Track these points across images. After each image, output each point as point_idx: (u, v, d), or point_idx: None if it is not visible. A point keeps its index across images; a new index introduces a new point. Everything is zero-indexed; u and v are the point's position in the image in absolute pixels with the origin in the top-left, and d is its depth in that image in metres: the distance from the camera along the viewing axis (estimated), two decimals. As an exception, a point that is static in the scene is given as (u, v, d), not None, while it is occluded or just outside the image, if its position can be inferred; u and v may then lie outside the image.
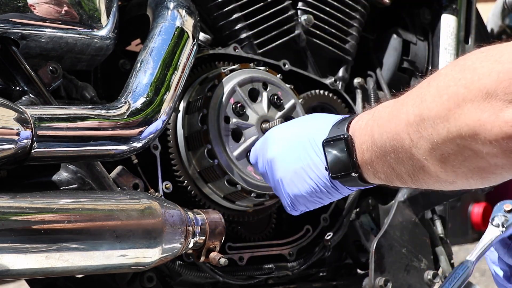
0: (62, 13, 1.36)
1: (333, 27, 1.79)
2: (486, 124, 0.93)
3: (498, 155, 0.95)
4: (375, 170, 1.17)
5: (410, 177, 1.10)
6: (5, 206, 1.15)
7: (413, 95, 1.06)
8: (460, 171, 1.02)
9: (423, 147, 1.03)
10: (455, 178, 1.04)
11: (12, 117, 1.18)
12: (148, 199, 1.31)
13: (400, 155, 1.08)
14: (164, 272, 1.55)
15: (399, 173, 1.12)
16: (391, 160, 1.10)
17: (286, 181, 1.33)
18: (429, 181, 1.08)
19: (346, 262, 1.87)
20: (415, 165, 1.07)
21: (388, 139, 1.09)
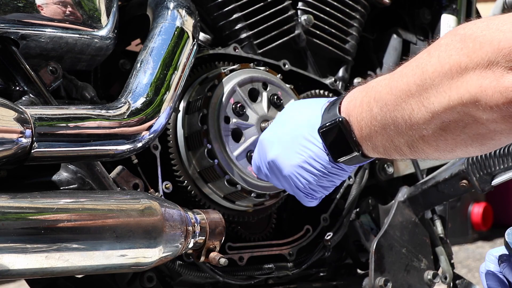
0: (62, 13, 1.36)
1: (333, 27, 1.79)
2: (487, 90, 0.95)
3: (498, 121, 0.97)
4: (374, 144, 1.18)
5: (409, 148, 1.12)
6: (5, 206, 1.15)
7: (412, 66, 1.07)
8: (460, 139, 1.03)
9: (424, 116, 1.04)
10: (455, 146, 1.05)
11: (12, 117, 1.18)
12: (148, 199, 1.31)
13: (400, 126, 1.09)
14: (164, 272, 1.55)
15: (398, 145, 1.13)
16: (391, 132, 1.12)
17: (294, 177, 1.35)
18: (428, 150, 1.10)
19: (346, 262, 1.87)
20: (415, 135, 1.08)
21: (389, 111, 1.10)
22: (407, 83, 1.07)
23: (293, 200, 1.77)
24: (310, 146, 1.30)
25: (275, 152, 1.36)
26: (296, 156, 1.32)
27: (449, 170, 1.67)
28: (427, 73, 1.03)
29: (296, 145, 1.32)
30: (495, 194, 4.61)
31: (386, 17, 1.95)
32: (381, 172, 1.83)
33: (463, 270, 4.24)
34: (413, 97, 1.05)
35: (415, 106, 1.05)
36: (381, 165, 1.82)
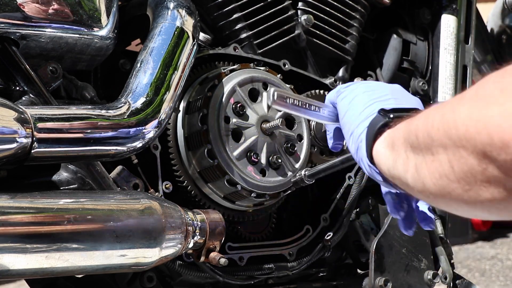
0: (62, 13, 1.36)
1: (333, 27, 1.79)
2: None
3: None
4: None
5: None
6: (5, 206, 1.15)
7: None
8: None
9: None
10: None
11: (12, 117, 1.18)
12: (148, 199, 1.31)
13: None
14: (164, 272, 1.55)
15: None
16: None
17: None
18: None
19: (346, 262, 1.87)
20: None
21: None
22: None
23: (293, 200, 1.77)
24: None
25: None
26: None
27: (449, 170, 1.67)
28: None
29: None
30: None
31: (386, 17, 1.95)
32: (381, 172, 1.82)
33: (463, 270, 4.25)
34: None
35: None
36: (381, 165, 1.82)
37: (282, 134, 1.58)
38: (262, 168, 1.55)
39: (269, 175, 1.56)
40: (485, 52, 2.23)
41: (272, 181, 1.56)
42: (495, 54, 2.24)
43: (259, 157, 1.54)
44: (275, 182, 1.57)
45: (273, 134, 1.57)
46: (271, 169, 1.56)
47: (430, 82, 1.93)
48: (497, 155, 0.81)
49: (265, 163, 1.55)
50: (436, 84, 1.91)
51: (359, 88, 1.21)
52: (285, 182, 1.58)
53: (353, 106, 1.18)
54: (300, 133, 1.62)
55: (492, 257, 4.58)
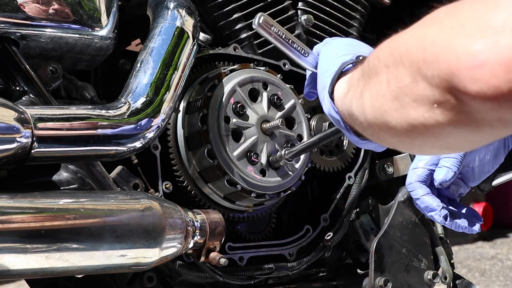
0: (62, 13, 1.36)
1: (333, 27, 1.79)
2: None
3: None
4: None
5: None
6: (5, 206, 1.15)
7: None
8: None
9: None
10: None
11: (12, 117, 1.18)
12: (148, 199, 1.31)
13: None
14: (164, 272, 1.55)
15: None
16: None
17: None
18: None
19: (346, 262, 1.87)
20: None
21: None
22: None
23: (293, 200, 1.77)
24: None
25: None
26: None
27: (449, 170, 1.67)
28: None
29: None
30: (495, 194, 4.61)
31: (386, 17, 1.95)
32: (381, 172, 1.83)
33: (463, 270, 4.25)
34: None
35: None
36: (381, 165, 1.82)
37: (282, 134, 1.58)
38: (262, 168, 1.55)
39: (269, 175, 1.56)
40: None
41: (272, 181, 1.56)
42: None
43: (259, 157, 1.54)
44: (275, 182, 1.57)
45: (273, 134, 1.57)
46: (271, 169, 1.56)
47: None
48: (427, 71, 0.82)
49: (265, 163, 1.55)
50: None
51: (344, 41, 1.23)
52: (285, 182, 1.58)
53: (332, 52, 1.18)
54: (300, 133, 1.62)
55: (492, 257, 4.58)
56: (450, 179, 1.27)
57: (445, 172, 1.27)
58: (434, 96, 0.83)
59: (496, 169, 1.43)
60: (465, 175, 1.33)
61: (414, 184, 1.30)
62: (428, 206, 1.29)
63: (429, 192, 1.30)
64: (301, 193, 1.77)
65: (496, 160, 1.32)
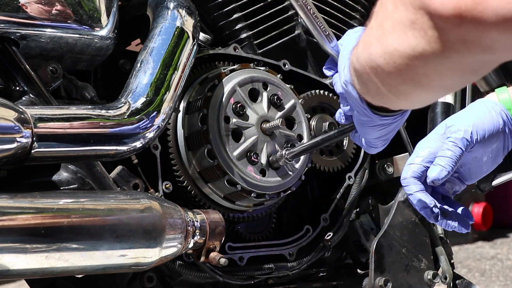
0: (62, 13, 1.36)
1: (333, 27, 1.79)
2: None
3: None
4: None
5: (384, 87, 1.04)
6: (5, 206, 1.15)
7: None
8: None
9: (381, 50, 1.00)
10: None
11: (12, 117, 1.18)
12: (148, 199, 1.31)
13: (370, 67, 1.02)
14: (164, 272, 1.55)
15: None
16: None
17: None
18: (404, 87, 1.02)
19: (346, 262, 1.87)
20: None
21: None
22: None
23: (293, 200, 1.77)
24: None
25: None
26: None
27: (449, 170, 1.67)
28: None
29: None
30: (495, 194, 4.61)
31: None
32: (381, 172, 1.83)
33: (463, 270, 4.24)
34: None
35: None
36: (381, 165, 1.82)
37: (282, 134, 1.58)
38: (262, 168, 1.55)
39: (269, 175, 1.56)
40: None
41: (272, 181, 1.56)
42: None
43: (259, 157, 1.54)
44: (275, 182, 1.57)
45: (273, 134, 1.57)
46: (271, 169, 1.56)
47: (430, 82, 1.93)
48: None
49: (265, 163, 1.55)
50: (436, 84, 1.91)
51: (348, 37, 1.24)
52: (285, 182, 1.58)
53: (348, 44, 1.19)
54: (300, 133, 1.62)
55: (492, 257, 4.58)
56: (443, 178, 1.27)
57: (439, 171, 1.27)
58: (407, 17, 0.88)
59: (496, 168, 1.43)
60: (462, 174, 1.33)
61: (409, 179, 1.30)
62: (420, 203, 1.29)
63: (422, 188, 1.29)
64: (301, 193, 1.77)
65: (495, 161, 1.33)
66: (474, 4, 0.79)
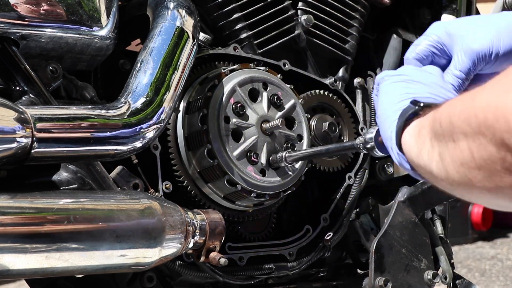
0: (62, 13, 1.36)
1: (333, 27, 1.79)
2: None
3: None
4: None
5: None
6: (5, 206, 1.15)
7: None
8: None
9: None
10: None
11: (12, 117, 1.18)
12: (148, 199, 1.31)
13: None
14: (164, 272, 1.55)
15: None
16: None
17: None
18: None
19: (346, 262, 1.87)
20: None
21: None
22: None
23: (293, 200, 1.77)
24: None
25: None
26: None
27: (449, 170, 1.67)
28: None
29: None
30: (495, 194, 4.60)
31: (386, 17, 1.95)
32: (381, 172, 1.83)
33: (463, 270, 4.24)
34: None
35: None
36: (381, 165, 1.82)
37: (282, 134, 1.58)
38: (262, 168, 1.55)
39: (269, 175, 1.56)
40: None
41: (272, 181, 1.56)
42: (495, 54, 2.24)
43: (259, 157, 1.54)
44: (275, 182, 1.57)
45: (273, 134, 1.57)
46: (271, 169, 1.56)
47: (430, 82, 1.93)
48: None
49: (265, 163, 1.55)
50: (436, 84, 1.91)
51: (400, 79, 1.16)
52: (285, 182, 1.58)
53: (388, 95, 1.14)
54: (300, 133, 1.62)
55: (492, 257, 4.58)
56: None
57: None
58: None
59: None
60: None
61: (410, 60, 1.21)
62: None
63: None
64: (301, 193, 1.77)
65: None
66: None
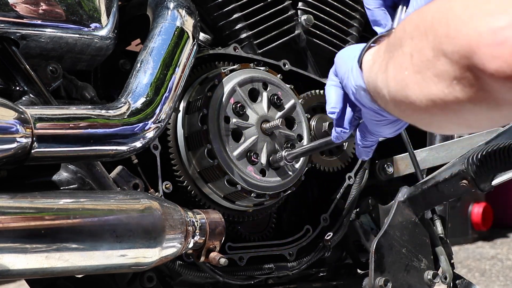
0: (62, 13, 1.36)
1: (333, 27, 1.79)
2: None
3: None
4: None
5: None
6: (5, 206, 1.15)
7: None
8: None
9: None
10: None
11: (12, 117, 1.18)
12: (148, 199, 1.31)
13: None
14: (164, 272, 1.55)
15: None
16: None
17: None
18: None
19: (346, 262, 1.87)
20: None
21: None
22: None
23: (293, 200, 1.77)
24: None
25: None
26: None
27: (449, 170, 1.67)
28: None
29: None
30: (495, 194, 4.62)
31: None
32: (381, 172, 1.83)
33: (463, 270, 4.25)
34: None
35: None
36: (381, 165, 1.82)
37: (282, 134, 1.58)
38: (262, 168, 1.55)
39: (269, 175, 1.56)
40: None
41: (272, 181, 1.56)
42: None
43: (259, 157, 1.54)
44: (275, 182, 1.57)
45: (273, 134, 1.57)
46: (271, 169, 1.56)
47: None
48: (448, 46, 0.81)
49: (265, 163, 1.55)
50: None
51: (347, 49, 1.21)
52: (285, 182, 1.58)
53: (343, 58, 1.18)
54: (300, 133, 1.62)
55: (492, 257, 4.58)
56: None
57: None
58: (454, 72, 0.82)
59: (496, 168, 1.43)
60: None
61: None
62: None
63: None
64: (301, 193, 1.77)
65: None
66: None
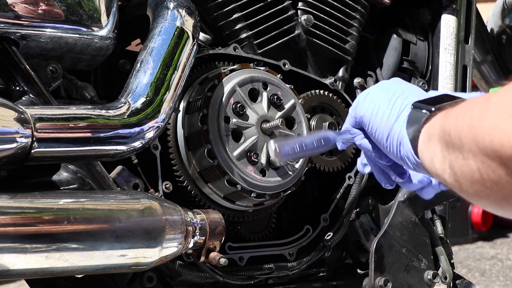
0: (62, 13, 1.36)
1: (333, 27, 1.79)
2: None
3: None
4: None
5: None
6: (5, 206, 1.15)
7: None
8: None
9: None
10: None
11: (12, 117, 1.18)
12: (148, 199, 1.32)
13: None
14: (164, 272, 1.55)
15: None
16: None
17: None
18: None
19: (346, 262, 1.87)
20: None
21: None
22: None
23: (293, 200, 1.77)
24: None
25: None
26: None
27: (449, 170, 1.67)
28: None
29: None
30: (495, 194, 4.59)
31: (386, 17, 1.95)
32: (381, 172, 1.82)
33: (463, 270, 4.25)
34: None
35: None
36: (381, 165, 1.82)
37: (282, 134, 1.58)
38: (262, 168, 1.55)
39: (269, 175, 1.56)
40: (485, 52, 2.23)
41: (272, 181, 1.56)
42: (495, 54, 2.24)
43: (259, 157, 1.54)
44: (275, 182, 1.57)
45: (273, 134, 1.57)
46: (271, 169, 1.56)
47: (430, 82, 1.93)
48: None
49: (265, 163, 1.55)
50: (436, 84, 1.91)
51: (371, 93, 1.16)
52: (285, 182, 1.58)
53: (377, 111, 1.13)
54: (300, 133, 1.62)
55: (492, 257, 4.58)
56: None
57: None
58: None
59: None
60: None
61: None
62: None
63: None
64: (301, 193, 1.77)
65: None
66: None
